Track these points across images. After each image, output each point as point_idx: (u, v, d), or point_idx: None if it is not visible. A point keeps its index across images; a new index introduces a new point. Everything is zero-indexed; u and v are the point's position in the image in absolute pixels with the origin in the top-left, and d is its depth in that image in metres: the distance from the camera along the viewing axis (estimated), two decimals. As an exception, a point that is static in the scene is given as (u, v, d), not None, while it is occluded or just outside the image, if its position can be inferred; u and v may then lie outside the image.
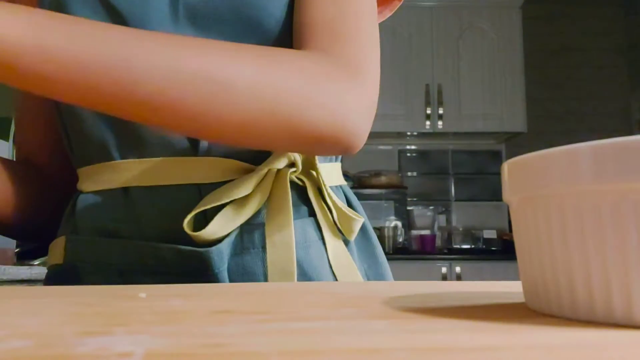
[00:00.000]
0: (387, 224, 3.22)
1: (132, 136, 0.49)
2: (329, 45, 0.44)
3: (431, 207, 3.26)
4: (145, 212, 0.49)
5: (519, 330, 0.18)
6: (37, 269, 1.41)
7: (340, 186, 0.59)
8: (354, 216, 0.54)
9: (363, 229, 0.58)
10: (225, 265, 0.48)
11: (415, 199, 3.34)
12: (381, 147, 3.39)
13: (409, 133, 3.21)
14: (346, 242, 0.55)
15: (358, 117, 0.42)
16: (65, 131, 0.54)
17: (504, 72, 3.13)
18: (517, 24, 3.17)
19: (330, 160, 0.58)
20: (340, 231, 0.54)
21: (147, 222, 0.49)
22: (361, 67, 0.43)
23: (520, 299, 0.26)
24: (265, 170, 0.49)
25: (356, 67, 0.43)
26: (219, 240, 0.47)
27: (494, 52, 3.14)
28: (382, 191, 3.22)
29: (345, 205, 0.56)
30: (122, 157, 0.50)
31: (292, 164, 0.51)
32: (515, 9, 3.18)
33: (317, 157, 0.53)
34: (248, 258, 0.49)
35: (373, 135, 3.01)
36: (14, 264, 1.49)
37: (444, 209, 3.32)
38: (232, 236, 0.48)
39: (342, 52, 0.44)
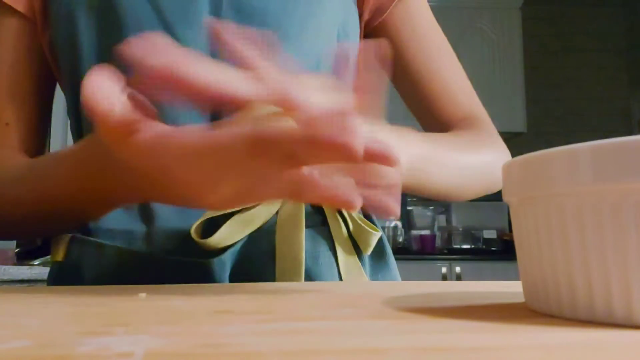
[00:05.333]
0: (387, 224, 3.22)
1: None
2: (478, 113, 0.59)
3: (431, 207, 3.26)
4: (158, 214, 0.48)
5: (519, 330, 0.18)
6: (37, 269, 1.41)
7: None
8: (370, 230, 0.53)
9: (379, 241, 0.56)
10: (227, 274, 0.47)
11: (415, 199, 3.33)
12: (381, 147, 3.39)
13: (409, 133, 3.20)
14: (360, 255, 0.54)
15: None
16: (78, 123, 0.53)
17: (504, 72, 3.13)
18: (516, 24, 3.17)
19: None
20: (355, 244, 0.53)
21: (158, 225, 0.48)
22: (493, 127, 0.59)
23: (520, 299, 0.26)
24: None
25: (495, 130, 0.58)
26: (226, 248, 0.47)
27: (494, 53, 3.14)
28: (382, 191, 3.22)
29: (362, 217, 0.54)
30: None
31: None
32: (515, 10, 3.17)
33: None
34: (254, 266, 0.48)
35: (373, 136, 3.00)
36: (14, 264, 1.49)
37: (443, 209, 3.32)
38: (238, 245, 0.48)
39: (486, 119, 0.59)
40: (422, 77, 0.59)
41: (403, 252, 3.02)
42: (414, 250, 3.04)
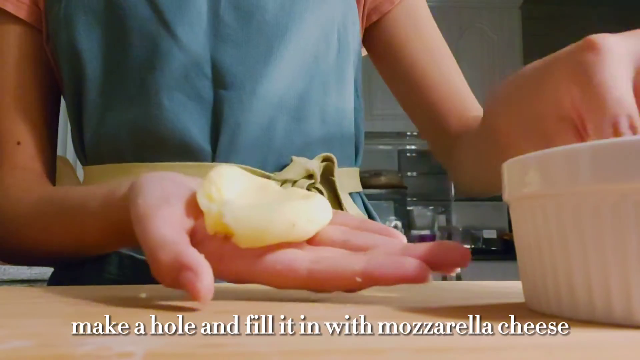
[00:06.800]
0: (387, 224, 3.22)
1: (151, 139, 0.48)
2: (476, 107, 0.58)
3: (431, 207, 3.25)
4: None
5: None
6: (37, 269, 1.41)
7: (359, 193, 0.58)
8: None
9: None
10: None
11: (415, 199, 3.33)
12: (381, 147, 3.39)
13: (408, 133, 3.20)
14: None
15: None
16: (79, 126, 0.53)
17: (504, 72, 3.13)
18: (516, 24, 3.17)
19: (350, 165, 0.57)
20: None
21: None
22: None
23: (520, 299, 0.26)
24: (280, 182, 0.48)
25: None
26: None
27: (493, 52, 3.14)
28: (382, 191, 3.22)
29: (365, 216, 0.54)
30: (136, 160, 0.49)
31: (309, 176, 0.50)
32: (514, 9, 3.18)
33: (336, 162, 0.52)
34: None
35: (373, 135, 3.00)
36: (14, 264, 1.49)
37: (443, 209, 3.32)
38: None
39: None
40: (428, 79, 0.57)
41: (403, 252, 3.01)
42: (414, 250, 3.03)
